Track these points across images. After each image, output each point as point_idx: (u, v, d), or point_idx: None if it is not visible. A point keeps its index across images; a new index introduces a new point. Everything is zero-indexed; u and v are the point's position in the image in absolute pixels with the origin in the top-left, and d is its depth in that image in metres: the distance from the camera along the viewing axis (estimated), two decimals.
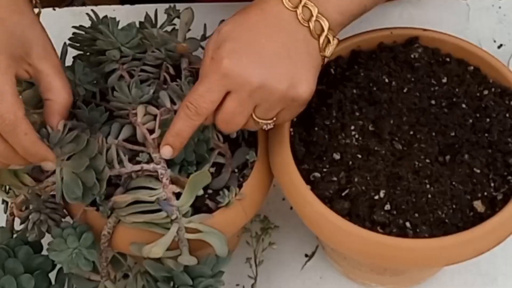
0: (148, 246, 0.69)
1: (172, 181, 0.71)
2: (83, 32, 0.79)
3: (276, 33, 0.69)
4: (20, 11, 0.68)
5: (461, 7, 1.05)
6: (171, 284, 0.71)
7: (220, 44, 0.69)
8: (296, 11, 0.69)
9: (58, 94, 0.69)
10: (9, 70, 0.65)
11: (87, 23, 0.80)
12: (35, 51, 0.68)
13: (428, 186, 0.71)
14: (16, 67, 0.66)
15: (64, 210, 0.75)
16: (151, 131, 0.73)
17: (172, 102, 0.75)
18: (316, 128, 0.75)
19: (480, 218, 0.70)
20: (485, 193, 0.71)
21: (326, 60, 0.72)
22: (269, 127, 0.73)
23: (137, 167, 0.72)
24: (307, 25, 0.69)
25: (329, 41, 0.71)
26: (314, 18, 0.69)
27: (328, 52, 0.71)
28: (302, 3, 0.69)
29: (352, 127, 0.74)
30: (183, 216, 0.70)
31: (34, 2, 0.73)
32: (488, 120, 0.75)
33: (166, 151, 0.71)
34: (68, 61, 0.79)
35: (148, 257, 0.70)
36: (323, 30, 0.70)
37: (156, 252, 0.68)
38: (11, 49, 0.66)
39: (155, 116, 0.73)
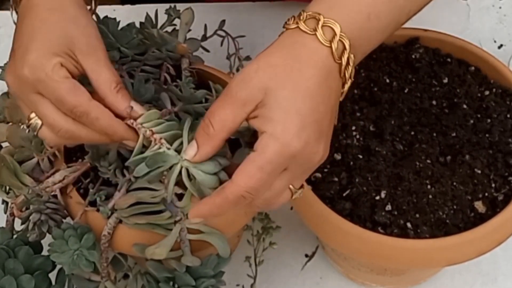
0: (151, 247, 0.69)
1: None
2: None
3: (325, 88, 0.61)
4: (61, 9, 0.66)
5: (461, 7, 1.05)
6: (172, 284, 0.72)
7: (273, 111, 0.60)
8: (331, 48, 0.61)
9: (105, 89, 0.66)
10: (57, 69, 0.64)
11: None
12: (77, 47, 0.65)
13: (429, 186, 0.71)
14: (65, 63, 0.64)
15: (65, 211, 0.75)
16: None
17: (172, 104, 0.75)
18: None
19: (481, 219, 0.70)
20: (486, 194, 0.71)
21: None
22: (299, 196, 0.65)
23: None
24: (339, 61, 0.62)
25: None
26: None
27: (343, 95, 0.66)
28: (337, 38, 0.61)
29: (353, 128, 0.75)
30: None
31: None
32: (489, 120, 0.75)
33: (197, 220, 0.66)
34: None
35: (150, 258, 0.70)
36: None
37: (160, 253, 0.68)
38: (53, 48, 0.64)
39: None
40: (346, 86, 0.64)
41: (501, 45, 1.02)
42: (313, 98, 0.60)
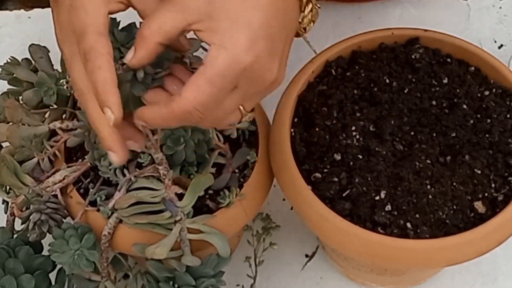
0: (151, 247, 0.69)
1: (174, 182, 0.71)
2: None
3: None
4: None
5: (461, 7, 1.05)
6: (172, 284, 0.72)
7: (220, 22, 0.57)
8: None
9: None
10: (101, 5, 0.60)
11: None
12: None
13: (429, 186, 0.71)
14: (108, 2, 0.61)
15: (65, 211, 0.75)
16: (154, 132, 0.73)
17: None
18: (316, 129, 0.75)
19: (481, 219, 0.70)
20: (486, 194, 0.71)
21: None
22: (249, 119, 0.65)
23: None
24: None
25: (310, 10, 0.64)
26: None
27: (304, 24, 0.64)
28: None
29: (353, 128, 0.74)
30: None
31: None
32: (489, 120, 0.75)
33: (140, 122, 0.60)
34: None
35: (150, 258, 0.70)
36: None
37: (160, 253, 0.69)
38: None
39: None
40: (307, 10, 0.63)
41: (501, 45, 1.02)
42: (264, 11, 0.58)
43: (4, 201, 0.80)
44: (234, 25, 0.57)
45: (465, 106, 0.76)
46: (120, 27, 0.79)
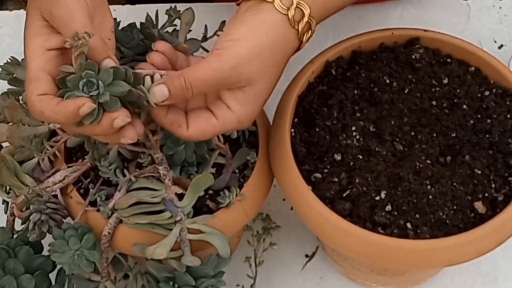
0: (151, 247, 0.69)
1: (174, 182, 0.71)
2: None
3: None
4: None
5: (461, 7, 1.05)
6: (172, 284, 0.72)
7: (248, 100, 0.68)
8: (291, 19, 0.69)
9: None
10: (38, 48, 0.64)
11: None
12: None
13: (429, 187, 0.71)
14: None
15: (65, 211, 0.75)
16: (154, 132, 0.73)
17: None
18: (317, 129, 0.75)
19: (481, 219, 0.70)
20: (486, 194, 0.71)
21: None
22: None
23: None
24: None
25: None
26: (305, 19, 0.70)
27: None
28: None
29: (353, 128, 0.74)
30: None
31: None
32: (489, 121, 0.75)
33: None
34: None
35: (150, 258, 0.70)
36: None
37: (160, 253, 0.69)
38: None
39: None
40: (305, 38, 0.71)
41: (501, 45, 1.02)
42: (275, 83, 0.70)
43: (4, 201, 0.80)
44: (256, 106, 0.69)
45: (465, 106, 0.76)
46: (120, 27, 0.79)
